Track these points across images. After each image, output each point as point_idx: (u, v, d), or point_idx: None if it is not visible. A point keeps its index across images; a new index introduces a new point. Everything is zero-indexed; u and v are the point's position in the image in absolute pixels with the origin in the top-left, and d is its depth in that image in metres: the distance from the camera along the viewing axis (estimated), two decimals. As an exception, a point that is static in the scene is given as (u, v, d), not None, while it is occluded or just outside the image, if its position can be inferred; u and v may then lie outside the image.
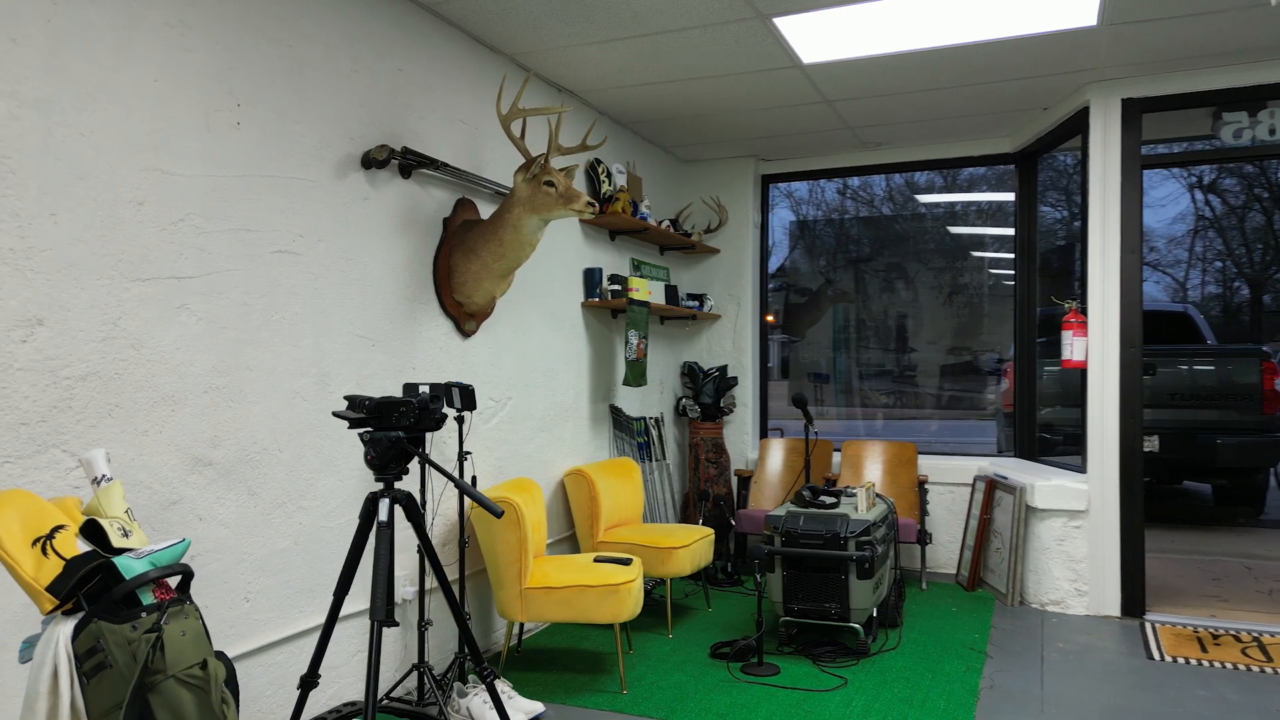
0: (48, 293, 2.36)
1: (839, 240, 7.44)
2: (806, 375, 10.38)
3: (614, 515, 4.78)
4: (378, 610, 2.12)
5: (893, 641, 4.39)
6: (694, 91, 4.92)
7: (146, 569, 1.82)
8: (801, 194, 6.95)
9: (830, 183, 6.63)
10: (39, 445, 2.34)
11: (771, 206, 6.79)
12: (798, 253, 8.15)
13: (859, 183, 7.16)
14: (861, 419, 10.93)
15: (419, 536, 2.41)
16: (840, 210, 7.25)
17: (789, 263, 8.37)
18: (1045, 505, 4.95)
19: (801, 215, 7.80)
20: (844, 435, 7.89)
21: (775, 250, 7.63)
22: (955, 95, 5.04)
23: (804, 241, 8.30)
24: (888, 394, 11.88)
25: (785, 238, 8.49)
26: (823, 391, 11.15)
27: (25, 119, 2.30)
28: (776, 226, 8.14)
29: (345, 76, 3.37)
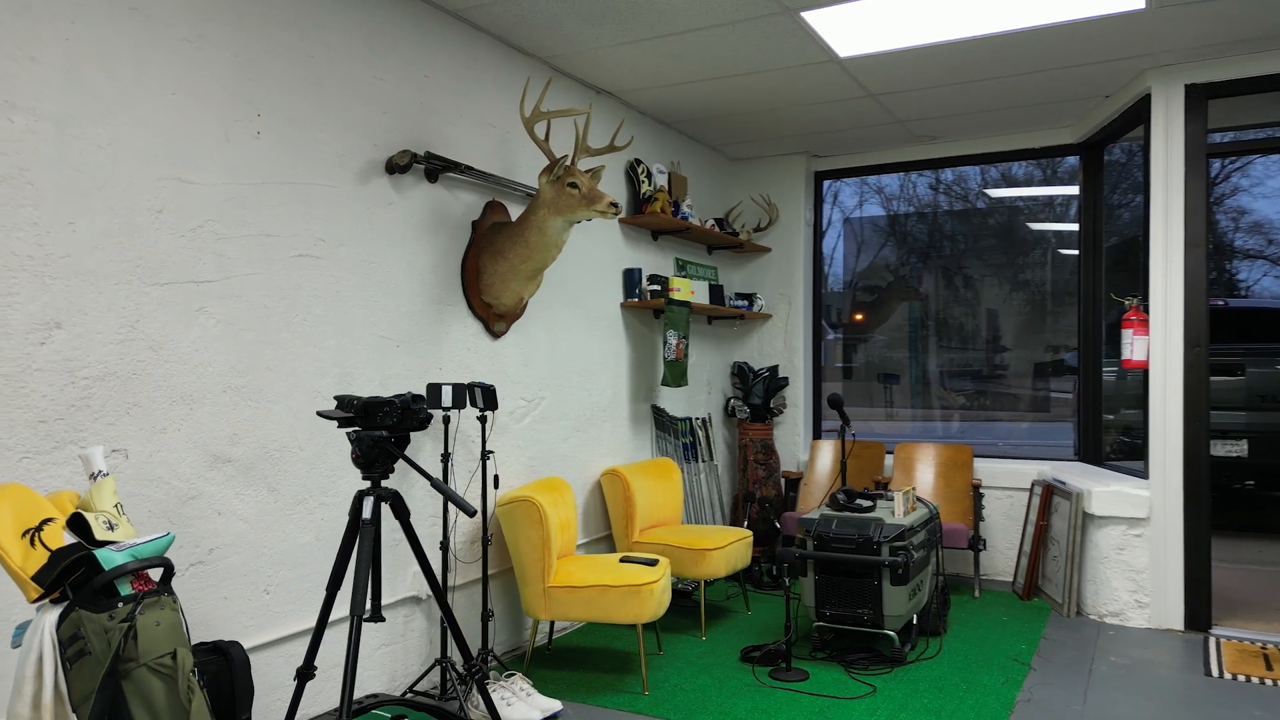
0: (66, 297, 2.49)
1: (914, 236, 7.18)
2: (876, 376, 10.17)
3: (651, 516, 4.77)
4: (358, 605, 2.17)
5: (932, 650, 4.26)
6: (732, 89, 4.88)
7: (126, 561, 1.90)
8: (893, 189, 6.69)
9: (921, 176, 6.38)
10: (57, 442, 2.47)
11: (863, 202, 6.61)
12: (888, 250, 7.84)
13: (930, 177, 6.89)
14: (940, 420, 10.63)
15: (406, 534, 2.46)
16: (929, 205, 6.97)
17: (879, 259, 8.05)
18: (1103, 512, 4.73)
19: (893, 211, 7.50)
20: (912, 437, 7.68)
21: (865, 248, 7.41)
22: (1006, 85, 4.86)
23: (894, 238, 8.00)
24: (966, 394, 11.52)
25: (874, 234, 8.23)
26: (893, 392, 10.91)
27: (43, 133, 2.44)
28: (866, 224, 7.95)
29: (368, 84, 3.45)
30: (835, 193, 7.18)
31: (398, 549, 3.59)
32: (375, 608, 2.39)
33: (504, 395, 4.15)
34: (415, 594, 3.65)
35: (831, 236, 7.15)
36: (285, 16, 3.12)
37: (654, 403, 5.42)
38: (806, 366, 6.43)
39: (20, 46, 2.38)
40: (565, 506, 4.12)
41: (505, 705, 3.38)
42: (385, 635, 3.54)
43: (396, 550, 3.58)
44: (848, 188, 7.17)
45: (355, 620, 2.17)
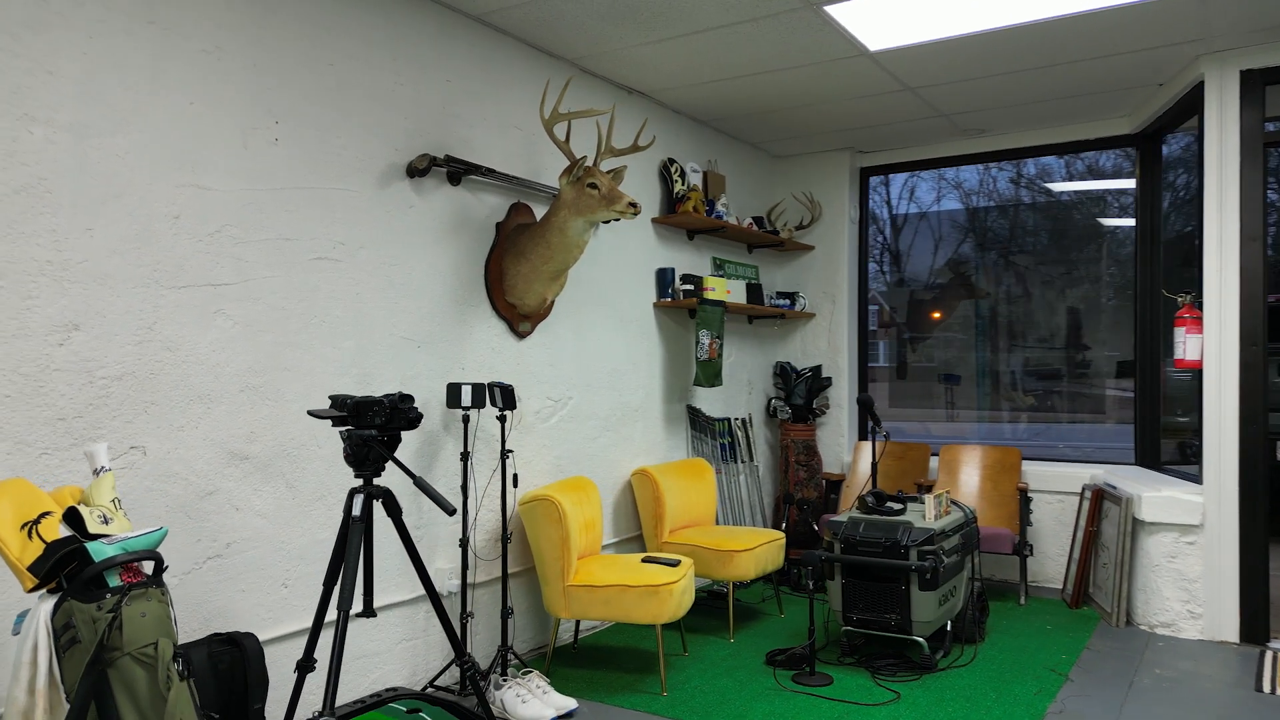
0: (84, 300, 2.60)
1: (994, 232, 6.90)
2: (937, 376, 9.94)
3: (682, 516, 4.75)
4: (345, 601, 2.21)
5: (966, 657, 4.15)
6: (764, 86, 4.83)
7: (115, 554, 1.98)
8: (972, 184, 6.42)
9: (1001, 170, 6.13)
10: (75, 439, 2.58)
11: (942, 196, 6.41)
12: (968, 246, 7.52)
13: (1011, 170, 6.59)
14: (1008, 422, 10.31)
15: (399, 532, 2.50)
16: (1009, 199, 6.68)
17: (957, 255, 7.71)
18: (1154, 518, 4.54)
19: (971, 205, 7.18)
20: (964, 439, 7.45)
21: (942, 244, 7.17)
22: (1051, 76, 4.70)
23: (974, 234, 7.67)
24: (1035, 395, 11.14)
25: (952, 231, 7.91)
26: (953, 393, 10.64)
27: (61, 143, 2.55)
28: (944, 220, 7.66)
29: (389, 90, 3.52)
30: (912, 188, 6.95)
31: (420, 545, 3.65)
32: (367, 603, 2.44)
33: (529, 395, 4.19)
34: (437, 589, 3.70)
35: (908, 233, 6.95)
36: (304, 25, 3.21)
37: (689, 403, 5.40)
38: (851, 366, 6.32)
39: (38, 61, 2.50)
40: (590, 506, 4.13)
41: (520, 702, 3.41)
42: (406, 630, 3.60)
43: (418, 546, 3.64)
44: (924, 183, 6.93)
45: (342, 616, 2.21)
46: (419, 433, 3.64)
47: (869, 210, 6.54)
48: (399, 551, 3.56)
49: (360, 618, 2.46)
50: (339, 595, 2.24)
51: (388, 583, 3.53)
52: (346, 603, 2.21)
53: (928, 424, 8.34)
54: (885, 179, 6.58)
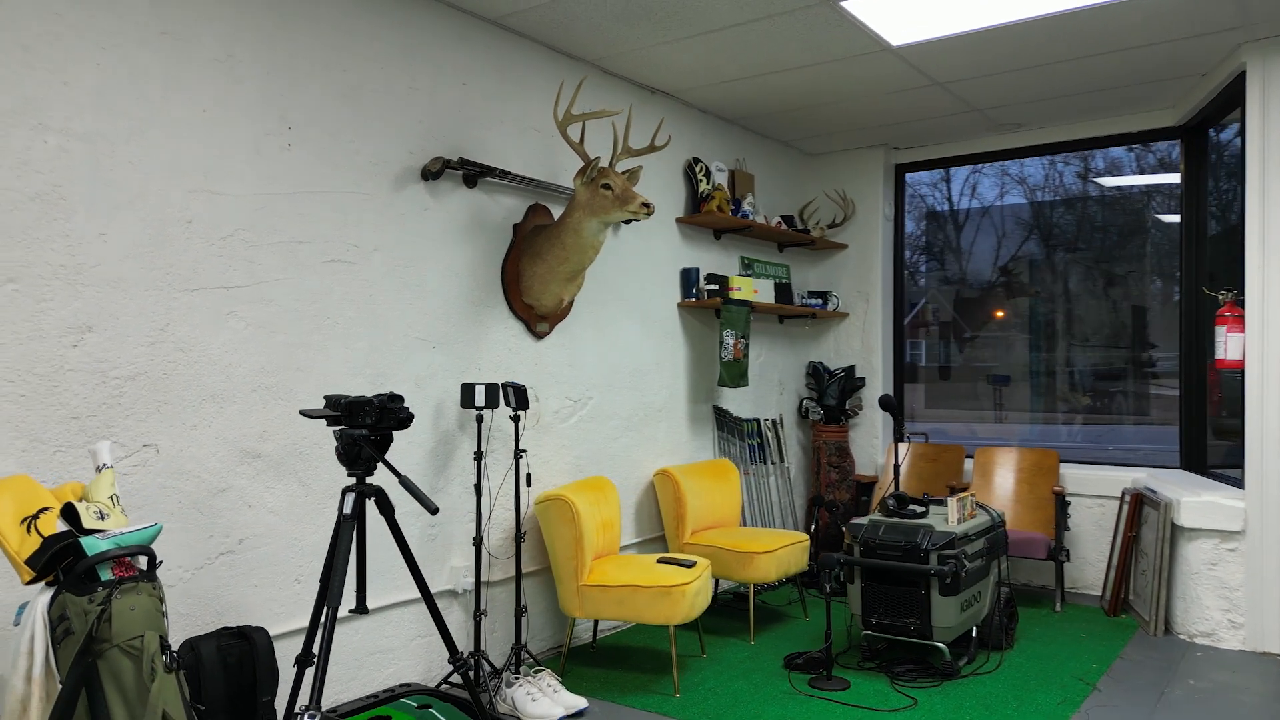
0: (97, 303, 2.69)
1: (1061, 228, 6.64)
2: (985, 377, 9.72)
3: (705, 517, 4.73)
4: (333, 598, 2.25)
5: (991, 664, 4.05)
6: (789, 83, 4.78)
7: (108, 548, 2.04)
8: (1037, 179, 6.19)
9: (1068, 164, 5.91)
10: (89, 437, 2.67)
11: (1005, 192, 6.23)
12: (1033, 242, 7.24)
13: (1078, 164, 6.34)
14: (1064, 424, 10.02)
15: (391, 530, 2.53)
16: (1078, 194, 6.40)
17: (1022, 252, 7.42)
18: (1193, 524, 4.38)
19: (1036, 199, 6.89)
20: (1004, 441, 7.27)
21: (1005, 240, 6.95)
22: (1085, 68, 4.57)
23: (1039, 230, 7.35)
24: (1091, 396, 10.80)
25: (1016, 227, 7.64)
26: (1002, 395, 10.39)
27: (75, 151, 2.64)
28: (1008, 216, 7.45)
29: (403, 94, 3.57)
30: (974, 185, 6.75)
31: (434, 544, 3.70)
32: (360, 600, 2.48)
33: (548, 395, 4.21)
34: (452, 587, 3.75)
35: (970, 230, 6.78)
36: (317, 32, 3.27)
37: (716, 403, 5.37)
38: (886, 366, 6.23)
39: (53, 72, 2.59)
40: (608, 506, 4.14)
41: (530, 700, 3.44)
42: (421, 627, 3.65)
43: (433, 545, 3.69)
44: (986, 179, 6.73)
45: (330, 612, 2.25)
46: (434, 432, 3.69)
47: (929, 206, 6.43)
48: (414, 548, 3.61)
49: (354, 614, 2.50)
50: (328, 592, 2.28)
51: (401, 579, 3.58)
52: (335, 599, 2.25)
53: (973, 425, 8.16)
54: (946, 174, 6.44)
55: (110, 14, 2.72)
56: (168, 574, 2.85)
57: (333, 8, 3.32)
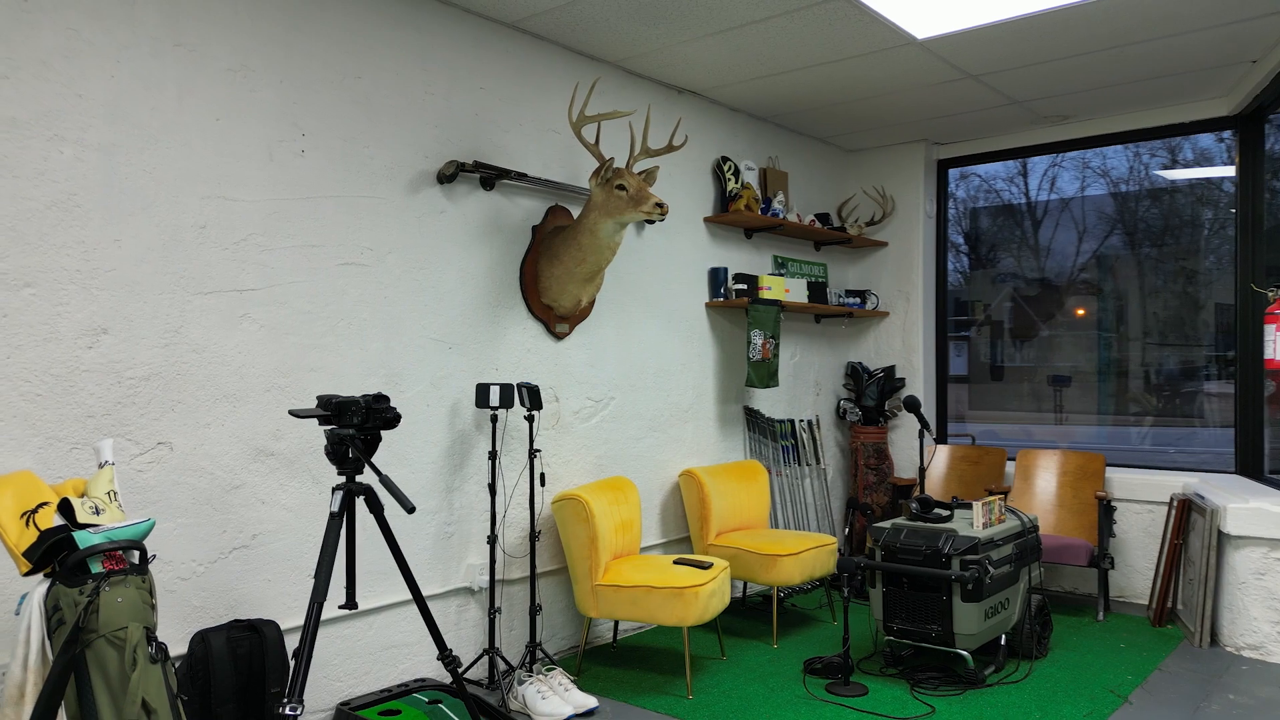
0: (112, 306, 2.80)
1: (1146, 222, 6.31)
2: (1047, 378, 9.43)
3: (732, 518, 4.70)
4: (318, 593, 2.30)
5: (1020, 673, 3.93)
6: (817, 80, 4.71)
7: (99, 542, 2.12)
8: (1120, 172, 5.87)
9: (1154, 156, 5.62)
10: (104, 435, 2.78)
11: (1086, 186, 5.97)
12: (1116, 238, 6.89)
13: (1165, 157, 6.01)
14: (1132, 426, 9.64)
15: (381, 529, 2.57)
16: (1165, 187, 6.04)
17: (1105, 249, 7.08)
18: (1240, 531, 4.18)
19: (1117, 190, 6.49)
20: (1052, 444, 7.01)
21: (1087, 236, 6.66)
22: (1124, 56, 4.40)
23: (1121, 224, 6.95)
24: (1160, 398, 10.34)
25: (1099, 222, 7.30)
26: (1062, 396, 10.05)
27: (90, 161, 2.75)
28: (1090, 210, 7.17)
29: (420, 99, 3.63)
30: (1053, 179, 6.51)
31: (450, 541, 3.75)
32: (349, 596, 2.53)
33: (568, 395, 4.23)
34: (468, 585, 3.80)
35: (1049, 225, 6.57)
36: (331, 40, 3.35)
37: (747, 404, 5.33)
38: (928, 367, 6.09)
39: (68, 85, 2.71)
40: (627, 506, 4.14)
41: (540, 698, 3.46)
42: (438, 623, 3.70)
43: (450, 543, 3.75)
44: (1066, 172, 6.48)
45: (315, 607, 2.30)
46: (450, 431, 3.74)
47: (1009, 201, 6.25)
48: (429, 546, 3.67)
49: (343, 610, 2.55)
50: (313, 588, 2.33)
51: (418, 576, 3.63)
52: (320, 595, 2.30)
53: (1030, 428, 7.92)
54: (1023, 167, 6.26)
55: (124, 28, 2.82)
56: (181, 567, 2.96)
57: (346, 16, 3.40)
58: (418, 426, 3.63)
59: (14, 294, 2.61)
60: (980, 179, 6.41)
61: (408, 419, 3.59)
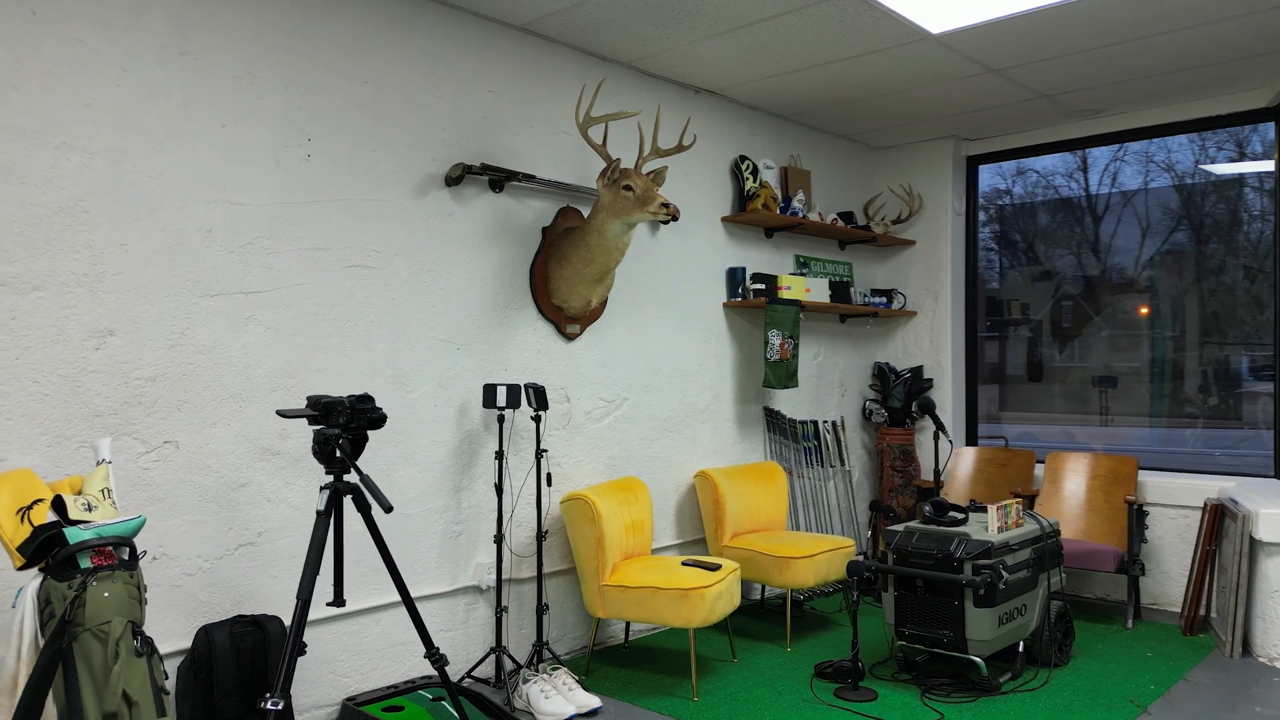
0: (118, 309, 2.88)
1: (1213, 217, 6.02)
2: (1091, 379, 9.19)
3: (748, 520, 4.67)
4: (303, 590, 2.34)
5: (1038, 681, 3.84)
6: (834, 77, 4.66)
7: (88, 538, 2.19)
8: (1185, 165, 5.57)
9: (1220, 150, 5.37)
10: (111, 434, 2.86)
11: (1149, 180, 5.75)
12: (1182, 233, 6.53)
13: (1232, 150, 5.73)
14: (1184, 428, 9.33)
15: (368, 527, 2.60)
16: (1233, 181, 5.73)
17: (1168, 245, 6.74)
18: (1273, 538, 4.03)
19: (1183, 182, 6.05)
20: (1084, 446, 6.77)
21: (1150, 233, 6.41)
22: (1151, 47, 4.27)
23: (1188, 219, 6.55)
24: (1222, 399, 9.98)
25: (1163, 217, 7.00)
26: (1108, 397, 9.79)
27: (96, 167, 2.84)
28: (1154, 205, 6.94)
29: (427, 103, 3.67)
30: (1114, 173, 6.29)
31: (459, 540, 3.78)
32: (337, 593, 2.57)
33: (580, 396, 4.24)
34: (476, 583, 3.83)
35: (1110, 221, 6.38)
36: (337, 46, 3.40)
37: (767, 405, 5.28)
38: (956, 367, 5.98)
39: (76, 95, 2.79)
40: (638, 507, 4.14)
41: (543, 697, 3.47)
42: (444, 621, 3.74)
43: (458, 541, 3.78)
44: (1128, 166, 6.26)
45: (299, 604, 2.34)
46: (458, 431, 3.77)
47: (1074, 196, 6.05)
48: (436, 545, 3.71)
49: (331, 607, 2.59)
50: (299, 585, 2.37)
51: (423, 574, 3.68)
52: (304, 592, 2.34)
53: (1072, 430, 7.71)
54: (1083, 160, 6.09)
55: (131, 38, 2.90)
56: (188, 563, 3.03)
57: (353, 22, 3.45)
58: (424, 426, 3.67)
59: (23, 297, 2.70)
60: (1038, 174, 6.25)
61: (414, 419, 3.64)
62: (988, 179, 6.23)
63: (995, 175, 6.25)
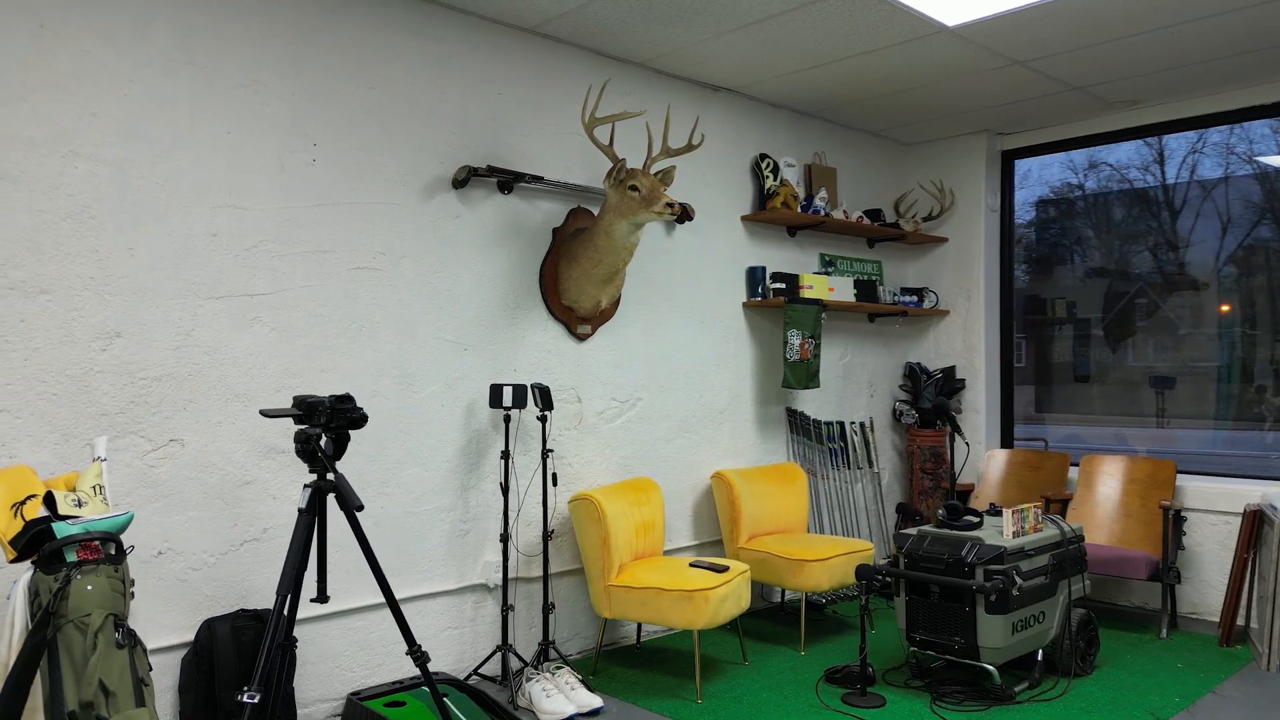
0: (125, 311, 2.98)
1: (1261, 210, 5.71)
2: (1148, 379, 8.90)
3: (765, 522, 4.63)
4: (283, 586, 2.39)
5: (1056, 691, 3.73)
6: (854, 72, 4.59)
7: (74, 533, 2.27)
8: (1268, 148, 5.23)
9: None
10: (118, 431, 2.96)
11: (1230, 172, 5.49)
12: (1267, 227, 6.15)
13: None
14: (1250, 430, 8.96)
15: (351, 526, 2.64)
16: None
17: (1252, 240, 6.38)
18: (1313, 546, 3.85)
19: (1264, 172, 5.63)
20: (1197, 453, 6.46)
21: (1232, 227, 6.11)
22: (1181, 35, 4.11)
23: (1271, 212, 6.13)
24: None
25: (1246, 212, 6.66)
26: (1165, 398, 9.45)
27: (103, 175, 2.94)
28: (1234, 199, 6.67)
29: (434, 106, 3.72)
30: (1193, 165, 6.04)
31: (466, 538, 3.82)
32: (320, 589, 2.61)
33: (591, 396, 4.25)
34: (485, 582, 3.87)
35: (1188, 215, 6.14)
36: (343, 53, 3.46)
37: (790, 405, 5.23)
38: (990, 367, 5.84)
39: (83, 105, 2.90)
40: (649, 507, 4.13)
41: (544, 696, 3.49)
42: (452, 619, 3.79)
43: (466, 540, 3.82)
44: (1208, 159, 6.00)
45: (278, 599, 2.39)
46: (466, 431, 3.81)
47: (1149, 188, 5.84)
48: (443, 543, 3.75)
49: (315, 603, 2.65)
50: (279, 581, 2.43)
51: (432, 572, 3.73)
52: (284, 588, 2.39)
53: (1125, 431, 7.45)
54: (1159, 150, 5.90)
55: (137, 49, 3.00)
56: (193, 558, 3.12)
57: (359, 28, 3.51)
58: (431, 426, 3.71)
59: (31, 300, 2.81)
60: (1111, 168, 6.05)
61: (421, 418, 3.69)
62: (1057, 173, 6.07)
63: (1065, 169, 6.08)
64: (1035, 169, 6.08)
